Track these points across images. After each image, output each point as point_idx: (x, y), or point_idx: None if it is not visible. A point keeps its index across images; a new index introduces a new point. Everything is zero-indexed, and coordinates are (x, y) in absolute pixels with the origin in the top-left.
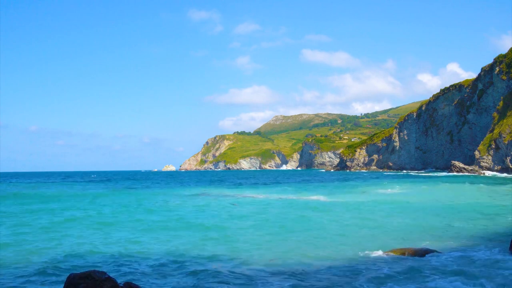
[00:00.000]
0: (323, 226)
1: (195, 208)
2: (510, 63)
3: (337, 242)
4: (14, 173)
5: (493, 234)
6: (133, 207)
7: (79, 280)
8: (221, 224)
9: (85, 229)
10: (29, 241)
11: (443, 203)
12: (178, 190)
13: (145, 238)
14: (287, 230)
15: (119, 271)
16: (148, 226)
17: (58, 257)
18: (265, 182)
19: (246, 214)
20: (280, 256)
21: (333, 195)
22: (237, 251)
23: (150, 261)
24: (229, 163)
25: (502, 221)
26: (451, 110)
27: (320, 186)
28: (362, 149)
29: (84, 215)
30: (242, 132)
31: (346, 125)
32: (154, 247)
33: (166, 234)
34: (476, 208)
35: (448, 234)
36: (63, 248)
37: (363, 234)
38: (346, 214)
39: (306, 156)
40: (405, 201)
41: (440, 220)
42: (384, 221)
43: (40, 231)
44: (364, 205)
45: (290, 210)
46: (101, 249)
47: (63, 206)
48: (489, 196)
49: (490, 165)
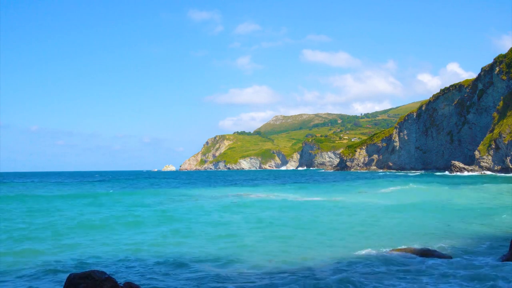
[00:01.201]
0: (321, 226)
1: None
2: (510, 63)
3: (336, 241)
4: (15, 173)
5: (492, 234)
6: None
7: (79, 280)
8: (228, 223)
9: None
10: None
11: (443, 203)
12: (209, 190)
13: (145, 237)
14: (286, 230)
15: (119, 271)
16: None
17: (58, 257)
18: (269, 181)
19: (251, 215)
20: (279, 255)
21: (332, 195)
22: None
23: (151, 261)
24: (229, 163)
25: (501, 221)
26: (451, 110)
27: (319, 186)
28: (362, 149)
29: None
30: (242, 132)
31: (346, 125)
32: (154, 246)
33: (172, 235)
34: (475, 208)
35: (448, 234)
36: (68, 248)
37: (362, 234)
38: (344, 213)
39: (306, 156)
40: (403, 201)
41: (440, 220)
42: (384, 221)
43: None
44: (363, 205)
45: (290, 210)
46: (102, 249)
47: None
48: (488, 196)
49: (490, 165)
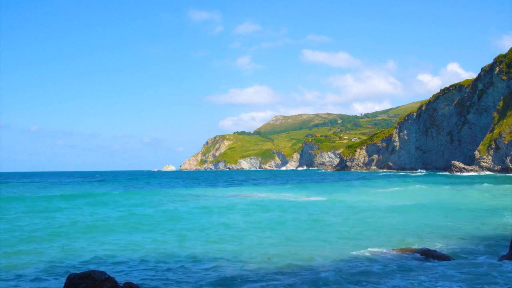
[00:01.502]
0: (321, 226)
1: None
2: (510, 63)
3: (336, 241)
4: (14, 173)
5: (492, 234)
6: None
7: (79, 280)
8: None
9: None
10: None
11: (443, 203)
12: (215, 190)
13: (145, 238)
14: (286, 230)
15: (119, 271)
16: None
17: (58, 257)
18: (273, 181)
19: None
20: (279, 255)
21: (332, 195)
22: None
23: (151, 261)
24: (229, 163)
25: (501, 221)
26: (451, 110)
27: (319, 186)
28: (362, 149)
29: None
30: (242, 132)
31: (346, 125)
32: (155, 246)
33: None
34: (475, 208)
35: (448, 234)
36: (66, 248)
37: (362, 233)
38: (344, 213)
39: (306, 156)
40: (403, 201)
41: (440, 220)
42: (384, 221)
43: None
44: (363, 204)
45: (290, 210)
46: (102, 248)
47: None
48: (488, 196)
49: (490, 165)
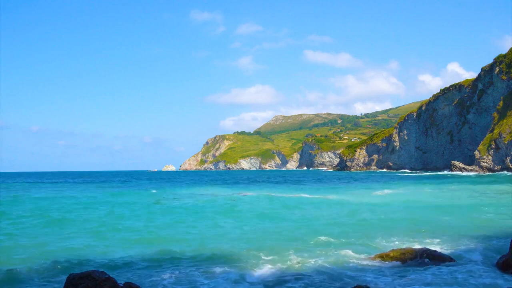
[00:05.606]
0: (321, 226)
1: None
2: (510, 63)
3: (336, 241)
4: (14, 173)
5: (492, 234)
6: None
7: (79, 280)
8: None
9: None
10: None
11: (442, 203)
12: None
13: (146, 237)
14: (286, 230)
15: (119, 271)
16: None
17: (58, 257)
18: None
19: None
20: (278, 254)
21: (332, 195)
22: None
23: (151, 261)
24: (229, 163)
25: (501, 221)
26: (451, 110)
27: (319, 186)
28: (362, 149)
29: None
30: (242, 132)
31: (346, 125)
32: (155, 247)
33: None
34: (475, 208)
35: (447, 234)
36: (67, 247)
37: (361, 233)
38: (345, 213)
39: (306, 156)
40: (403, 201)
41: (440, 220)
42: (384, 221)
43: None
44: (362, 204)
45: (290, 210)
46: (102, 248)
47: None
48: (488, 196)
49: (490, 165)
